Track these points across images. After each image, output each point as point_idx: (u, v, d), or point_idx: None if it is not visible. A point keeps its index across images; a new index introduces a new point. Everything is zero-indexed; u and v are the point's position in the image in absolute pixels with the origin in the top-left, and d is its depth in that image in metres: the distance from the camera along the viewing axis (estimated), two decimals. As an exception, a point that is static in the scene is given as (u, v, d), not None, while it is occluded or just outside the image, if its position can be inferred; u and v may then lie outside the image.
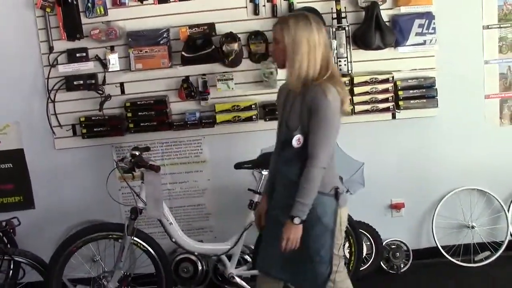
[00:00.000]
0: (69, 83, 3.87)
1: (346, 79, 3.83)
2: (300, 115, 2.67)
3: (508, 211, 4.15)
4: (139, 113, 3.87)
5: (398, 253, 4.11)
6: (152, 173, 3.38)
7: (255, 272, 3.59)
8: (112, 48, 3.84)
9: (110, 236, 3.55)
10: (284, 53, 2.66)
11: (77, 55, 3.86)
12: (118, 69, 3.86)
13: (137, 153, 3.44)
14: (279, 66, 2.81)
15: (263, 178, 3.62)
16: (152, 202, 3.44)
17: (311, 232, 2.69)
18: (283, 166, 2.79)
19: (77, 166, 4.06)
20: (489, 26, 3.99)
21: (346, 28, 3.81)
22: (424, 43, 3.86)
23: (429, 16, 3.83)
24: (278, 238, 2.70)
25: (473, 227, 4.18)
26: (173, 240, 3.63)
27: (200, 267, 3.96)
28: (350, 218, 3.62)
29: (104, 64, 3.86)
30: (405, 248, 4.14)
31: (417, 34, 3.85)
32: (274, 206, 2.86)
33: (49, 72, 3.87)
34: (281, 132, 2.84)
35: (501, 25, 3.99)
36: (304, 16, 2.70)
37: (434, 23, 3.83)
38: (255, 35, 3.85)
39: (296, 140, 2.66)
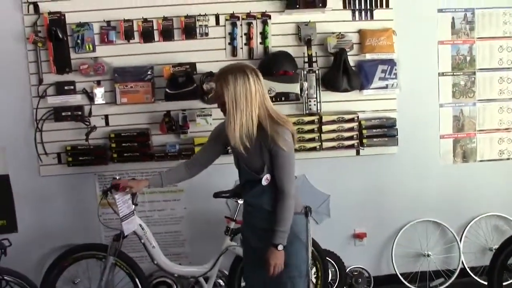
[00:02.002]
0: (57, 113, 4.50)
1: (315, 118, 4.61)
2: (262, 158, 3.19)
3: (460, 241, 4.97)
4: (123, 144, 4.54)
5: (360, 280, 4.85)
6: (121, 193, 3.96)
7: (229, 293, 4.38)
8: (98, 82, 4.52)
9: (97, 255, 4.21)
10: (224, 106, 3.13)
11: (65, 87, 4.51)
12: (104, 102, 4.53)
13: (117, 177, 4.07)
14: (222, 112, 3.23)
15: (239, 206, 4.30)
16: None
17: (290, 250, 3.23)
18: (253, 199, 3.33)
19: (61, 192, 4.68)
20: (444, 74, 4.86)
21: (316, 71, 4.57)
22: (386, 87, 4.67)
23: (391, 62, 4.66)
24: (256, 264, 3.29)
25: (428, 255, 4.98)
26: (155, 262, 4.23)
27: (175, 290, 4.68)
28: (318, 246, 4.35)
29: (91, 97, 4.52)
30: (366, 275, 4.90)
31: (380, 78, 4.66)
32: (247, 229, 3.44)
33: (38, 103, 4.51)
34: (242, 171, 3.35)
35: (454, 73, 4.87)
36: (242, 70, 3.14)
37: (395, 69, 4.66)
38: (233, 75, 4.60)
39: (265, 180, 3.21)
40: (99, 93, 4.52)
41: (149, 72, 4.54)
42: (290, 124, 3.23)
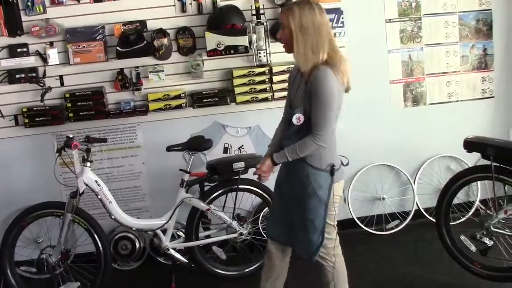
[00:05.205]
0: (11, 76, 4.81)
1: (265, 69, 4.95)
2: (303, 96, 3.33)
3: (414, 183, 5.38)
4: (78, 103, 4.86)
5: (318, 225, 5.24)
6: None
7: (188, 244, 4.68)
8: (51, 44, 4.82)
9: (55, 213, 4.52)
10: (291, 37, 3.31)
11: (18, 50, 4.81)
12: (58, 63, 4.84)
13: (70, 135, 4.38)
14: (287, 50, 3.45)
15: (192, 159, 4.63)
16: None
17: (307, 204, 3.40)
18: (285, 141, 3.50)
19: (20, 154, 5.02)
20: (391, 20, 5.21)
21: (265, 23, 4.89)
22: (334, 35, 4.96)
23: (338, 11, 4.99)
24: (283, 208, 3.57)
25: (384, 199, 5.40)
26: (113, 217, 4.54)
27: (137, 244, 5.01)
28: (271, 193, 4.67)
29: (44, 59, 4.83)
30: (324, 220, 5.28)
31: (328, 27, 5.01)
32: (280, 177, 3.65)
33: (-9, 67, 4.84)
34: (287, 111, 3.58)
35: (401, 19, 5.22)
36: (307, 2, 3.34)
37: (342, 18, 5.00)
38: (183, 31, 4.90)
39: (296, 119, 3.36)
40: (52, 54, 4.83)
41: (100, 32, 4.84)
42: (345, 69, 3.40)
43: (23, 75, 4.84)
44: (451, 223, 4.55)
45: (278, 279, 3.83)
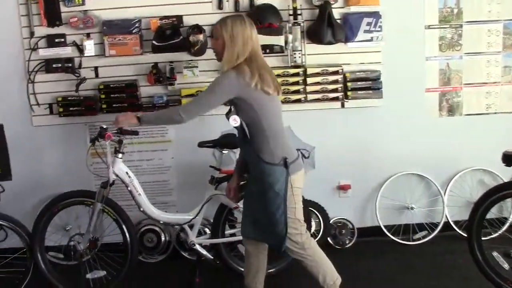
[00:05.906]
0: (48, 65, 4.92)
1: (300, 70, 4.95)
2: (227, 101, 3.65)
3: (445, 195, 5.29)
4: (112, 95, 4.95)
5: (344, 231, 5.21)
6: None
7: (214, 241, 4.70)
8: (88, 35, 4.91)
9: (85, 202, 4.60)
10: (223, 46, 3.59)
11: (56, 40, 4.92)
12: (93, 54, 4.93)
13: (104, 126, 4.43)
14: (218, 59, 3.71)
15: (222, 156, 4.65)
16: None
17: (266, 198, 3.57)
18: (241, 146, 3.81)
19: (53, 142, 5.14)
20: (430, 26, 5.13)
21: (301, 24, 4.89)
22: (371, 39, 4.96)
23: (376, 15, 4.94)
24: (250, 206, 3.77)
25: (412, 208, 5.32)
26: (141, 209, 4.60)
27: (163, 238, 5.08)
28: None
29: (81, 50, 4.92)
30: (350, 226, 5.25)
31: (365, 31, 4.94)
32: (249, 180, 3.85)
33: (30, 55, 4.93)
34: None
35: (441, 26, 5.12)
36: (240, 17, 3.70)
37: (380, 22, 4.94)
38: (219, 28, 4.93)
39: (233, 120, 3.61)
40: (88, 45, 4.91)
41: (136, 25, 4.90)
42: (263, 75, 3.55)
43: (59, 65, 4.94)
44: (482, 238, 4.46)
45: (258, 274, 3.97)
